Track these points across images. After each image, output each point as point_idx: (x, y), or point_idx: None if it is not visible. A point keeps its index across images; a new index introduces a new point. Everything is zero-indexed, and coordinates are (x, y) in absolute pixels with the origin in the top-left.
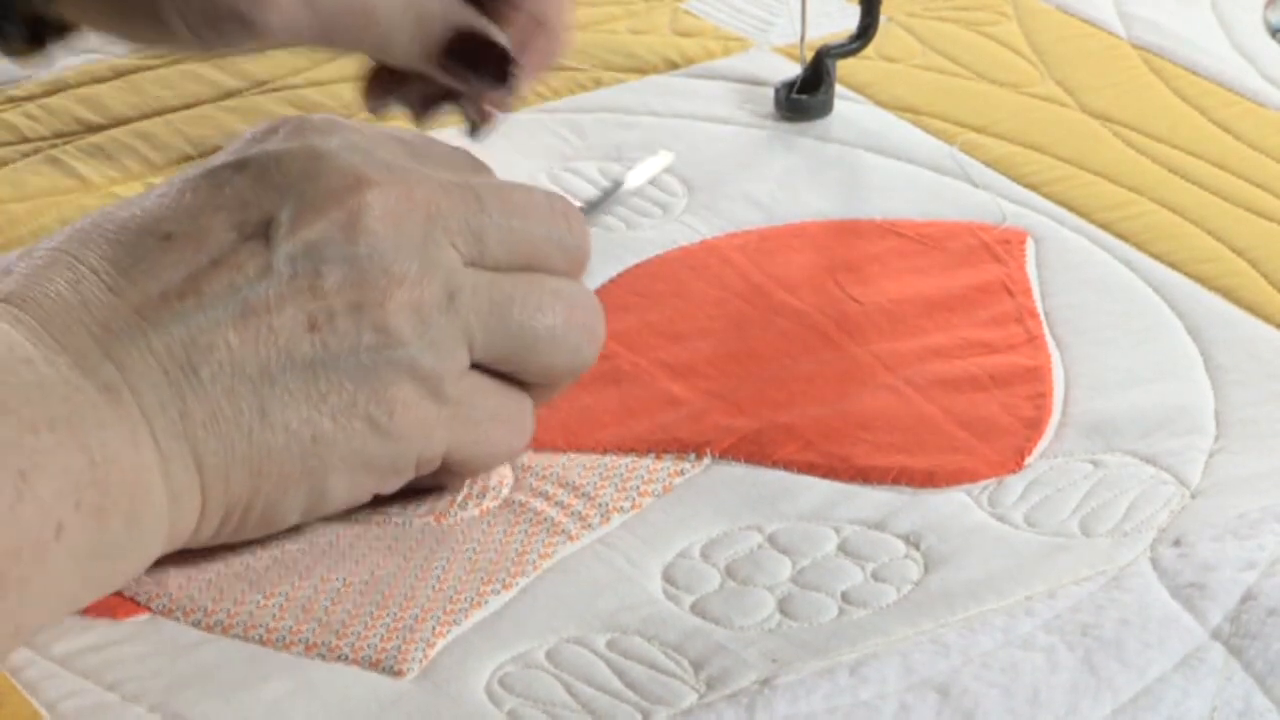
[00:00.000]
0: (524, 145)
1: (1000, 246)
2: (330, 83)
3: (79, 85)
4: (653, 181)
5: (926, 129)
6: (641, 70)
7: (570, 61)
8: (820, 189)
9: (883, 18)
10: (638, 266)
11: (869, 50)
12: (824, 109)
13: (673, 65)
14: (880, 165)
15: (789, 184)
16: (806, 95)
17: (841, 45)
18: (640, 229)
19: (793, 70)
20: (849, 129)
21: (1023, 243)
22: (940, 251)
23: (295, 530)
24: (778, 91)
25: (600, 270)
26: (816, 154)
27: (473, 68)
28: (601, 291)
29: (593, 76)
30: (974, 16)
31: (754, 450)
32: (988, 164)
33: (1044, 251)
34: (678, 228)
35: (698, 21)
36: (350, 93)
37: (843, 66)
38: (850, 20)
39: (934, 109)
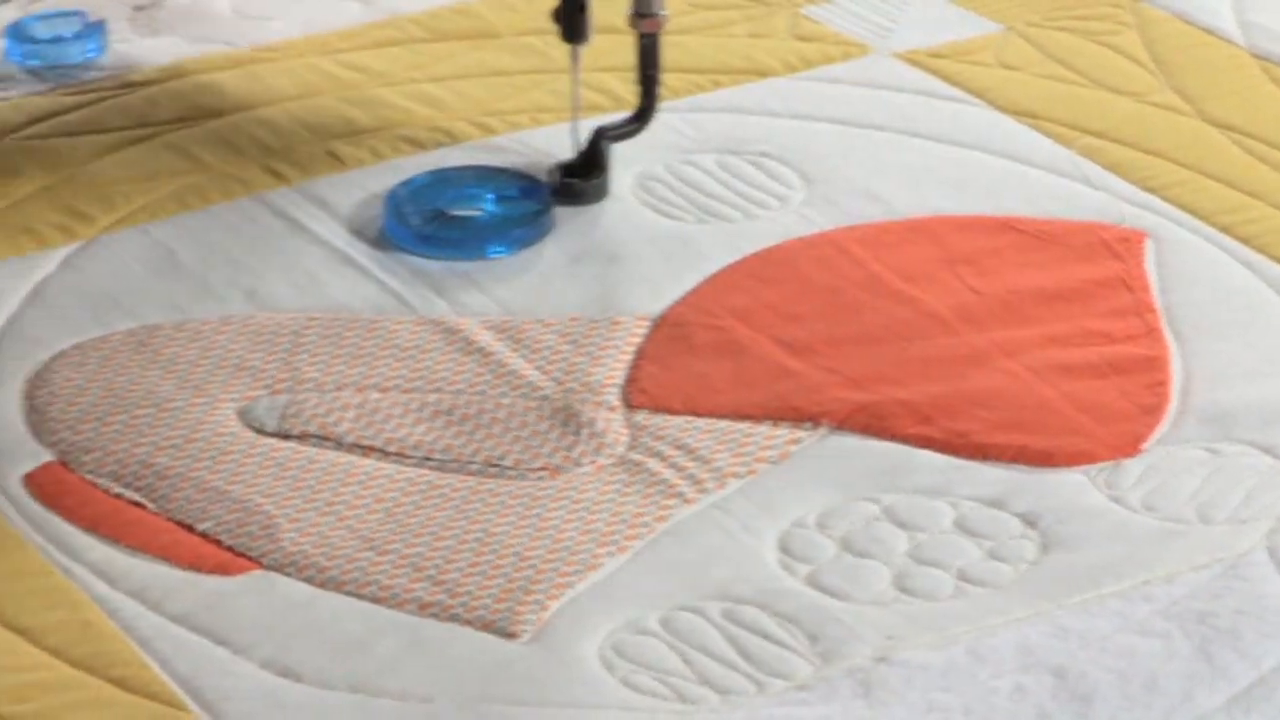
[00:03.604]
0: (644, 139)
1: (1119, 244)
2: (449, 78)
3: (198, 73)
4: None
5: (1045, 133)
6: (761, 73)
7: (690, 64)
8: (939, 187)
9: (1001, 27)
10: (754, 254)
11: (988, 57)
12: (598, 193)
13: (791, 69)
14: (998, 166)
15: (909, 182)
16: (581, 179)
17: (618, 126)
18: (758, 220)
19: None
20: (967, 131)
21: (1141, 242)
22: (1059, 247)
23: (407, 481)
24: (551, 174)
25: (717, 258)
26: (936, 154)
27: None
28: (718, 276)
29: (712, 79)
30: (1094, 26)
31: (871, 422)
32: (1106, 167)
33: (1162, 251)
34: (795, 219)
35: (817, 27)
36: (470, 88)
37: (960, 72)
38: (954, 29)
39: (1053, 114)
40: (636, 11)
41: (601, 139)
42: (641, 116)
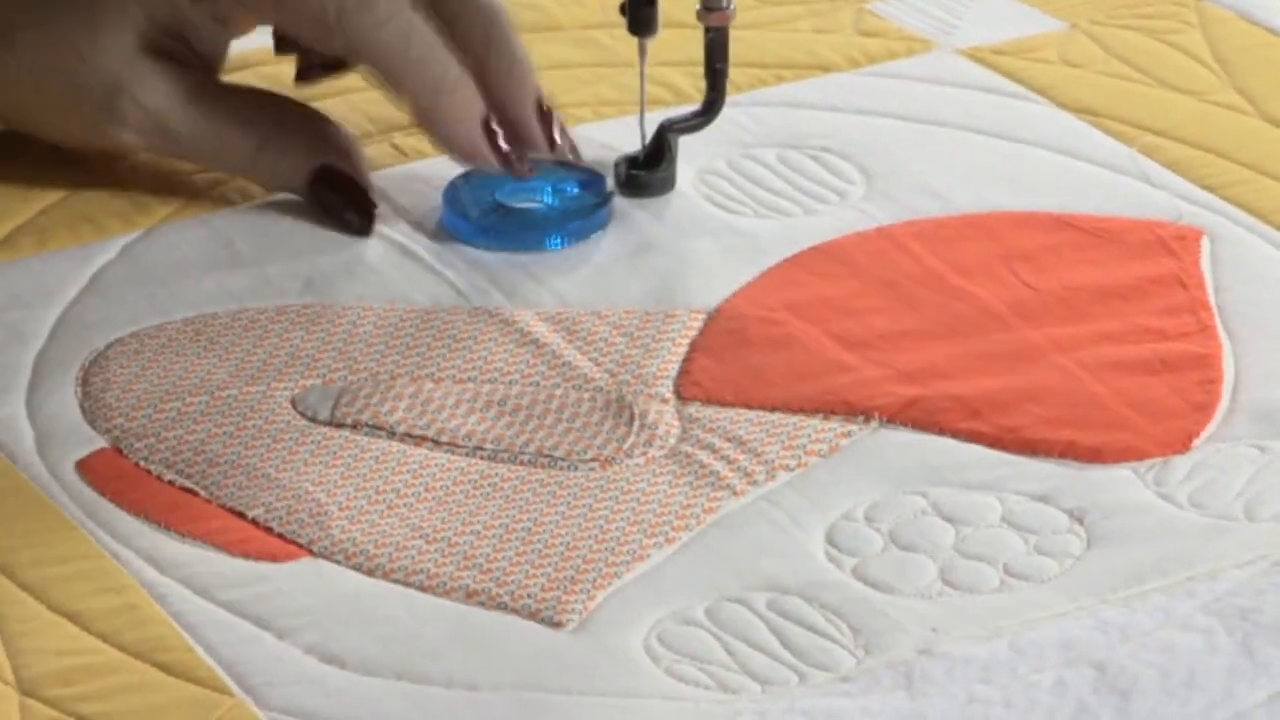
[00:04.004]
0: (706, 133)
1: (1175, 242)
2: None
3: (263, 64)
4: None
5: (1106, 130)
6: (824, 68)
7: (754, 58)
8: (998, 183)
9: (1065, 24)
10: (813, 248)
11: (1051, 54)
12: (665, 185)
13: (855, 64)
14: (1058, 163)
15: (968, 178)
16: (646, 171)
17: (684, 120)
18: (817, 215)
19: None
20: (1028, 128)
21: (1198, 239)
22: (1115, 244)
23: (458, 470)
24: (617, 166)
25: (776, 252)
26: (996, 151)
27: (336, 196)
28: (775, 270)
29: (775, 73)
30: (1158, 25)
31: (922, 416)
32: (1166, 165)
33: (1219, 249)
34: (855, 215)
35: (881, 22)
36: (542, 85)
37: (1023, 69)
38: (1019, 26)
39: (1114, 112)
40: (705, 5)
41: (668, 132)
42: (709, 110)
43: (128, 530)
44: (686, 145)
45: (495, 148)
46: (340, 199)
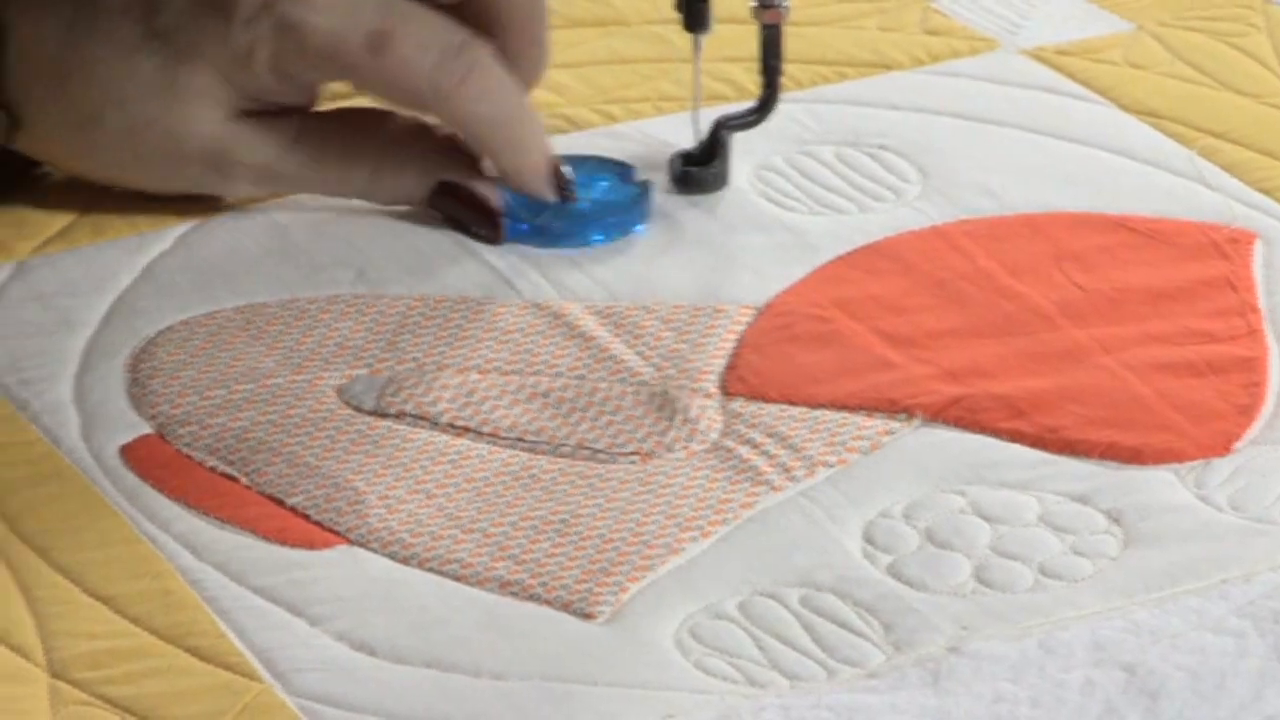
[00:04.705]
0: (764, 130)
1: (1228, 245)
2: (576, 65)
3: None
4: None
5: (1166, 132)
6: (887, 66)
7: (816, 55)
8: (1055, 184)
9: (1132, 26)
10: (865, 246)
11: (1115, 56)
12: (718, 182)
13: (918, 63)
14: (1116, 164)
15: (1025, 178)
16: (700, 167)
17: (739, 117)
18: (872, 213)
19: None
20: (1088, 129)
21: (1251, 242)
22: (1168, 246)
23: (499, 462)
24: (671, 162)
25: (829, 249)
26: (1055, 151)
27: (461, 210)
28: (825, 267)
29: (837, 70)
30: (1224, 27)
31: (964, 415)
32: (1224, 168)
33: (1273, 253)
34: (909, 213)
35: (947, 21)
36: (596, 75)
37: (1086, 70)
38: (1085, 27)
39: (1175, 114)
40: (759, 2)
41: (722, 129)
42: (763, 107)
43: (167, 515)
44: (745, 141)
45: (558, 189)
46: (464, 211)
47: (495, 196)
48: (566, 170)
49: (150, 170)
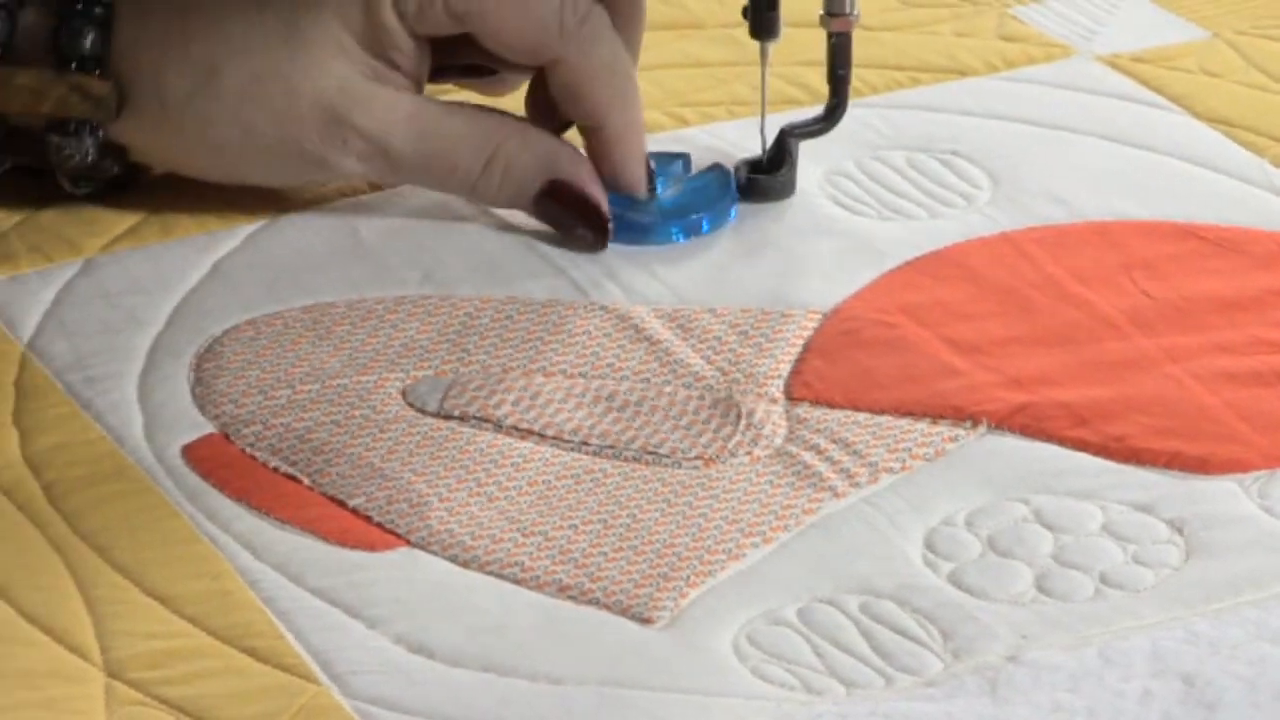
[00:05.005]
0: (837, 135)
1: None
2: (650, 68)
3: None
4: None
5: (1239, 141)
6: (961, 72)
7: (891, 60)
8: (1126, 192)
9: (1208, 33)
10: (933, 253)
11: (1189, 64)
12: (784, 190)
13: (993, 69)
14: (1188, 172)
15: (1096, 185)
16: (766, 175)
17: (806, 125)
18: (942, 219)
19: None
20: (1160, 137)
21: None
22: (1238, 255)
23: (561, 465)
24: (738, 170)
25: (897, 255)
26: (1126, 159)
27: (568, 213)
28: (893, 273)
29: (912, 76)
30: None
31: (1029, 423)
32: None
33: None
34: (979, 219)
35: (1023, 27)
36: (669, 78)
37: (1160, 77)
38: (1161, 34)
39: (1248, 123)
40: (827, 11)
41: (789, 137)
42: (830, 116)
43: (228, 515)
44: (816, 145)
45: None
46: (571, 214)
47: (605, 200)
48: (650, 163)
49: (256, 148)
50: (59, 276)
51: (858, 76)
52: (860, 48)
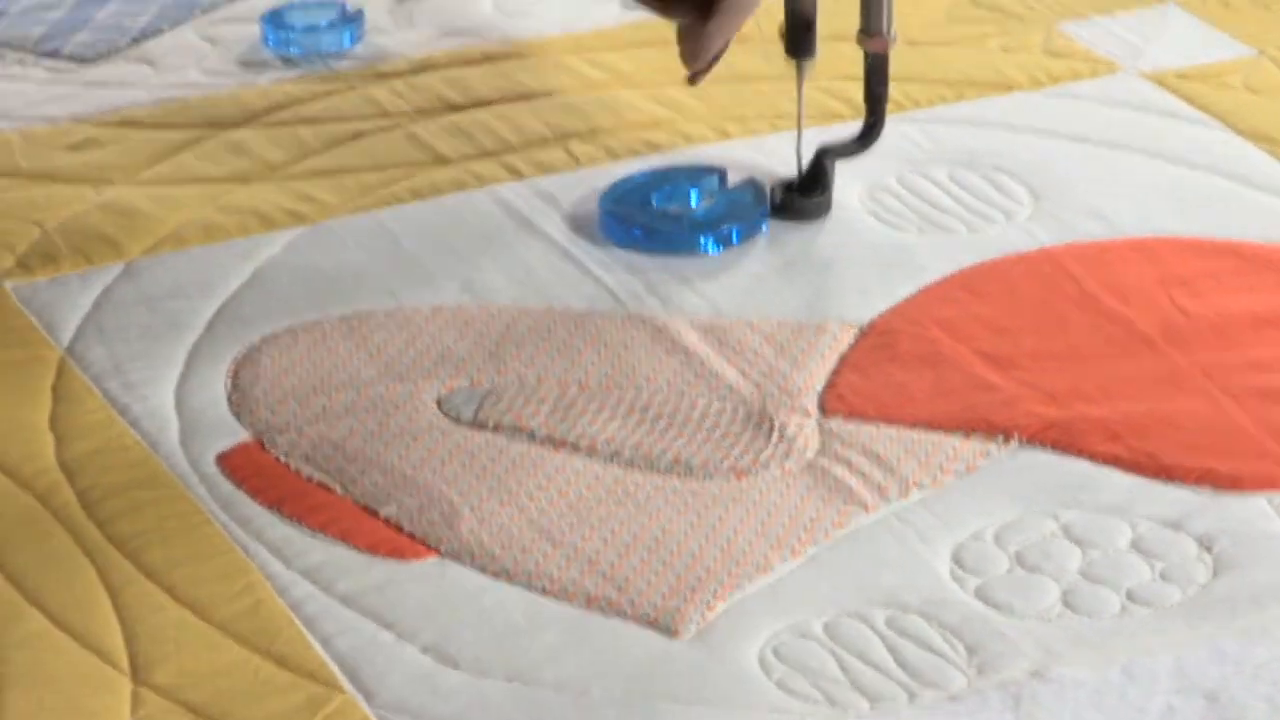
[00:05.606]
0: (879, 148)
1: None
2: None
3: (447, 66)
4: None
5: None
6: (1006, 87)
7: (937, 75)
8: (1167, 208)
9: (1253, 50)
10: (972, 267)
11: (1234, 81)
12: (819, 210)
13: (1037, 84)
14: (1229, 189)
15: (1137, 202)
16: (802, 196)
17: (842, 145)
18: (981, 233)
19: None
20: (1203, 154)
21: None
22: (1276, 272)
23: (593, 476)
24: (773, 191)
25: (937, 268)
26: (1169, 176)
27: None
28: (932, 287)
29: (957, 90)
30: None
31: (1062, 438)
32: None
33: None
34: (1019, 234)
35: (1070, 43)
36: (713, 92)
37: (1205, 94)
38: (1207, 51)
39: None
40: (864, 30)
41: (825, 157)
42: (866, 135)
43: (260, 523)
44: (857, 159)
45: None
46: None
47: None
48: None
49: None
50: (99, 279)
51: (902, 91)
52: (905, 62)
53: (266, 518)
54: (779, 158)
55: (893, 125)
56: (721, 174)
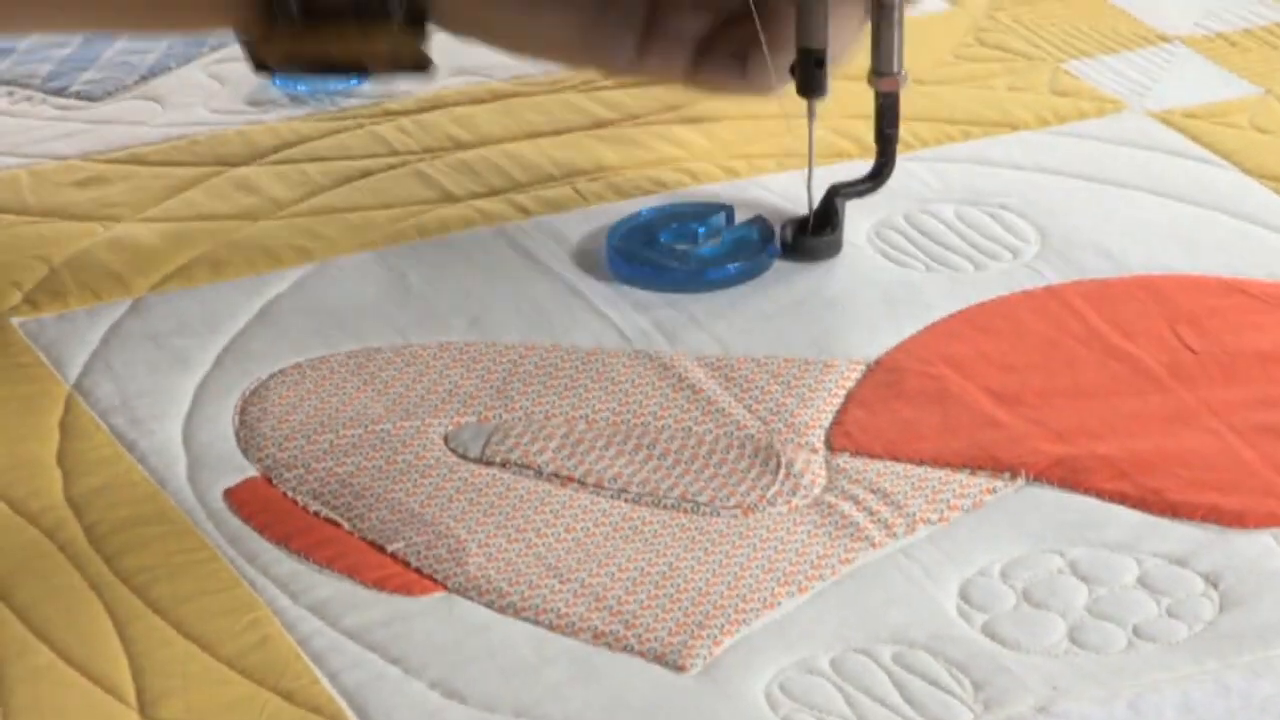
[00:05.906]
0: (887, 187)
1: None
2: (702, 120)
3: (455, 104)
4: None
5: None
6: (1012, 126)
7: (943, 114)
8: (1174, 246)
9: (1260, 89)
10: (979, 305)
11: (1242, 120)
12: (831, 250)
13: (1044, 123)
14: (1236, 228)
15: (1143, 240)
16: (813, 236)
17: (853, 184)
18: (987, 270)
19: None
20: (1210, 193)
21: None
22: None
23: (600, 512)
24: (783, 229)
25: (943, 306)
26: (1175, 214)
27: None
28: (938, 324)
29: (963, 129)
30: None
31: (1068, 475)
32: None
33: None
34: (1025, 272)
35: (1076, 82)
36: (721, 130)
37: (1211, 133)
38: (1213, 90)
39: None
40: (875, 70)
41: (836, 197)
42: (877, 175)
43: (267, 559)
44: (867, 199)
45: None
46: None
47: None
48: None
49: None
50: (108, 316)
51: (909, 130)
52: (912, 101)
53: (274, 553)
54: (787, 196)
55: (900, 164)
56: (729, 212)
